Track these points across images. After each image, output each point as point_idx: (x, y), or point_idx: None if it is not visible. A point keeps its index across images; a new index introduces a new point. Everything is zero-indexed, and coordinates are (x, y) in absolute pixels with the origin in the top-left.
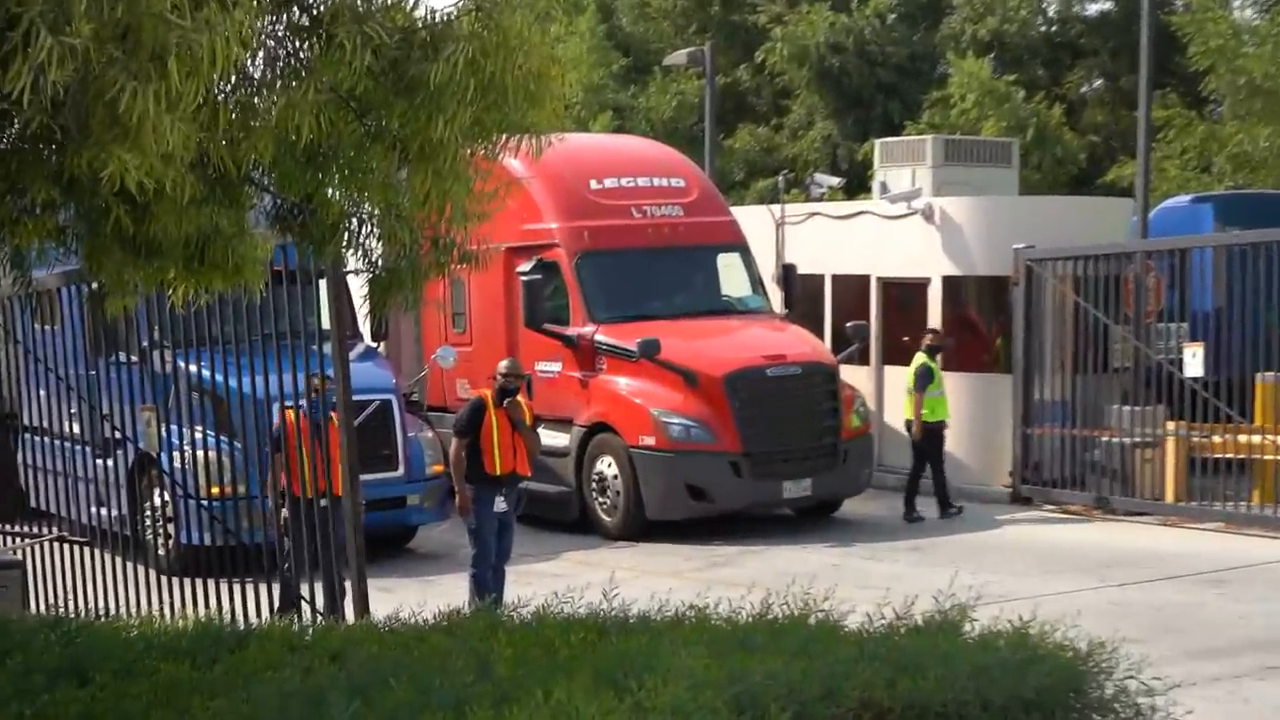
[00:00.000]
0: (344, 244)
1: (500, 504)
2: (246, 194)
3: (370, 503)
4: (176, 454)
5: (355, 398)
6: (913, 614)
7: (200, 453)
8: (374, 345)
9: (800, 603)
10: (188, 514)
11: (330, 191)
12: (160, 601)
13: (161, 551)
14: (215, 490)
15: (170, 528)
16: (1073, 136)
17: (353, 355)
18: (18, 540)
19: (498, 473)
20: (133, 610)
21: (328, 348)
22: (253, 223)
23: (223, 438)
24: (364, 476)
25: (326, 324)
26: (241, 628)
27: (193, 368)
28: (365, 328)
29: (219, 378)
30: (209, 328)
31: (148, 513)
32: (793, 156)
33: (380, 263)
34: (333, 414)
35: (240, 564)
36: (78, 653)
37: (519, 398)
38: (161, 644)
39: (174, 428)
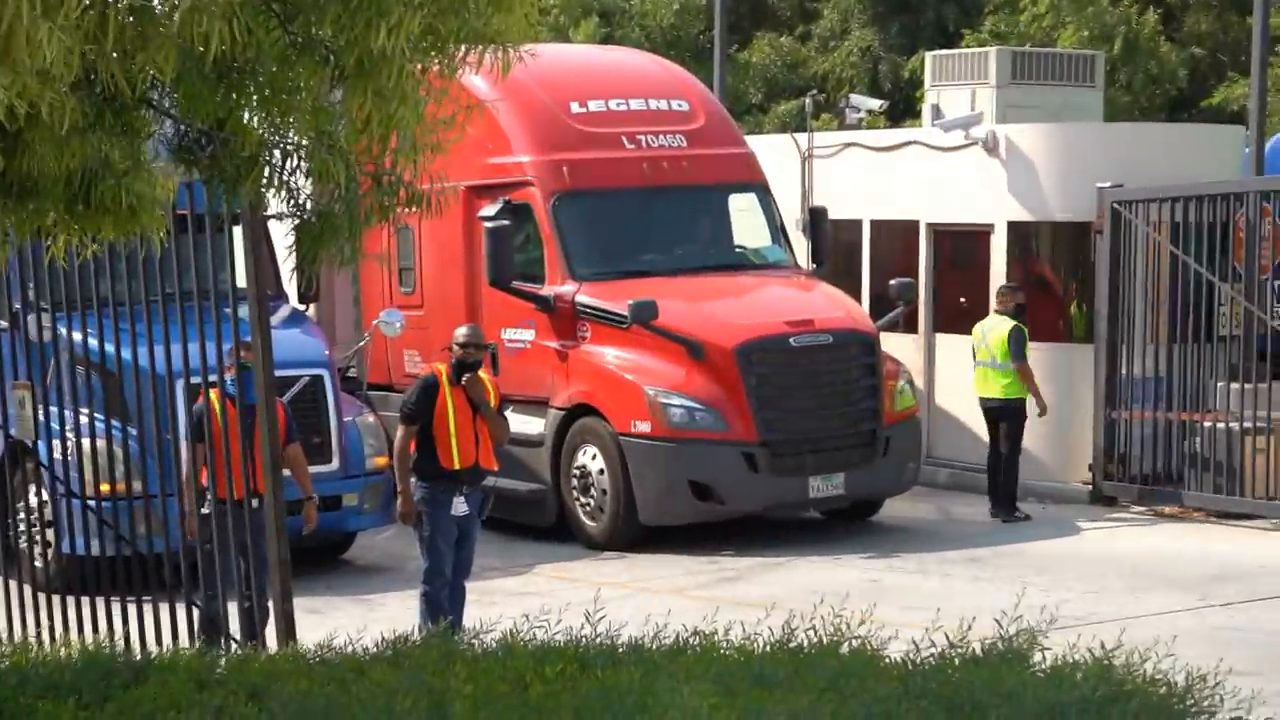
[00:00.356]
0: (264, 182)
1: (459, 506)
2: (143, 120)
3: (296, 503)
4: (57, 443)
5: (278, 373)
6: (969, 641)
7: (87, 441)
8: (301, 308)
9: (830, 627)
10: (71, 517)
11: (247, 116)
12: (38, 624)
13: (39, 563)
14: (105, 488)
15: (49, 533)
16: (1170, 49)
17: (275, 320)
18: None
19: (456, 467)
20: (3, 636)
21: (244, 311)
22: (151, 155)
23: (114, 422)
24: (289, 471)
25: (242, 281)
26: (138, 658)
27: (77, 335)
28: (290, 286)
29: (109, 348)
30: (96, 286)
31: (21, 515)
32: (823, 73)
33: (309, 205)
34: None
35: (137, 579)
36: None
37: (481, 373)
38: (39, 677)
39: (54, 410)
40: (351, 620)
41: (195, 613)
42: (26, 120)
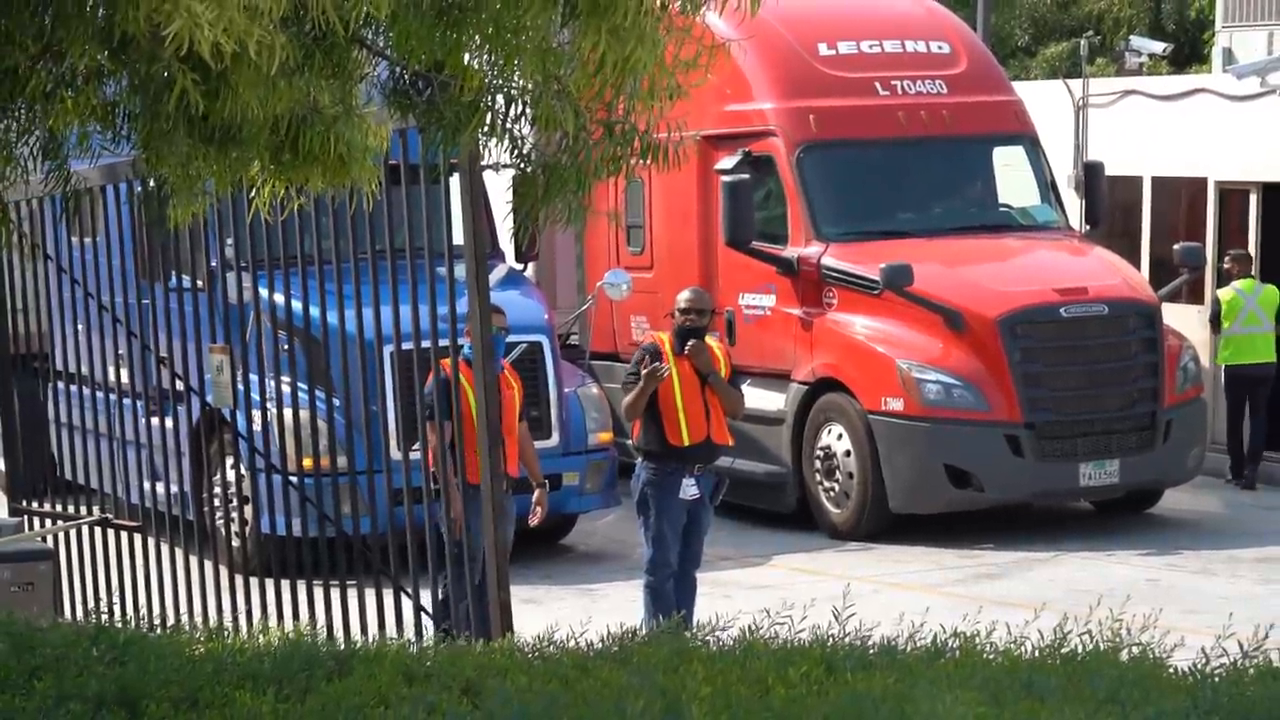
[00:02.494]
0: (485, 130)
1: (689, 489)
2: (355, 61)
3: (521, 483)
4: (256, 413)
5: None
6: (1266, 650)
7: (289, 411)
8: (520, 268)
9: (1108, 632)
10: (270, 493)
11: (468, 58)
12: (234, 608)
13: (235, 543)
14: (308, 463)
15: (247, 511)
16: None
17: (491, 281)
18: (48, 523)
19: (685, 444)
20: (198, 619)
21: (460, 271)
22: (364, 100)
23: (319, 392)
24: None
25: (459, 239)
26: (342, 647)
27: (279, 297)
28: (508, 245)
29: (314, 311)
30: (301, 243)
31: (217, 491)
32: (1098, 13)
33: (534, 156)
34: (504, 364)
35: (341, 562)
36: (126, 675)
37: (709, 339)
38: (236, 666)
39: (253, 377)
40: (573, 612)
41: (405, 601)
42: (231, 60)
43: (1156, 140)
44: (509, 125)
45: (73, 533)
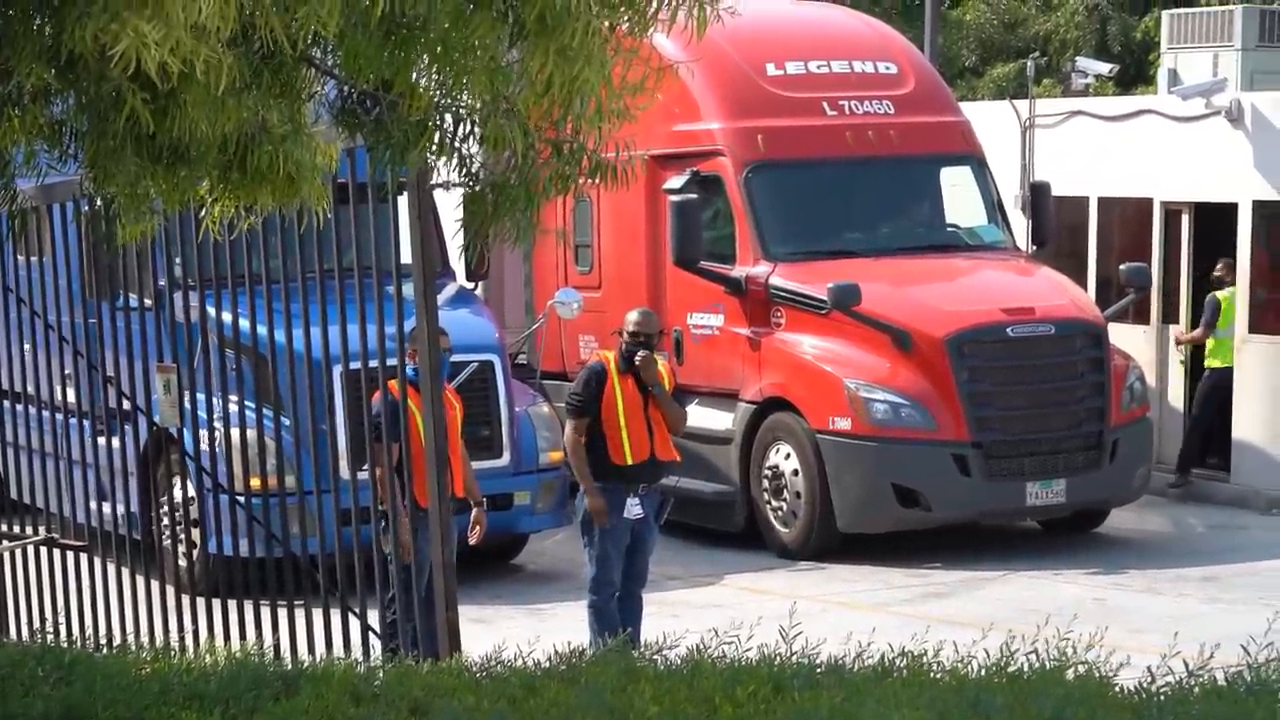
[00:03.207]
0: (434, 149)
1: (633, 508)
2: (304, 80)
3: (456, 503)
4: (204, 432)
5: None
6: (1211, 668)
7: (236, 431)
8: (469, 287)
9: (1055, 651)
10: (218, 513)
11: (417, 77)
12: (181, 628)
13: (183, 562)
14: (255, 482)
15: (195, 531)
16: None
17: (440, 300)
18: None
19: (628, 463)
20: (145, 639)
21: (409, 289)
22: (312, 119)
23: (267, 411)
24: None
25: (408, 257)
26: (290, 667)
27: (227, 315)
28: (458, 263)
29: (262, 330)
30: (250, 262)
31: (165, 511)
32: (1045, 34)
33: (482, 174)
34: (446, 385)
35: (290, 582)
36: (72, 695)
37: (653, 354)
38: (183, 686)
39: (200, 396)
40: (522, 631)
41: (351, 620)
42: (179, 79)
43: (1103, 161)
44: (457, 144)
45: (18, 552)
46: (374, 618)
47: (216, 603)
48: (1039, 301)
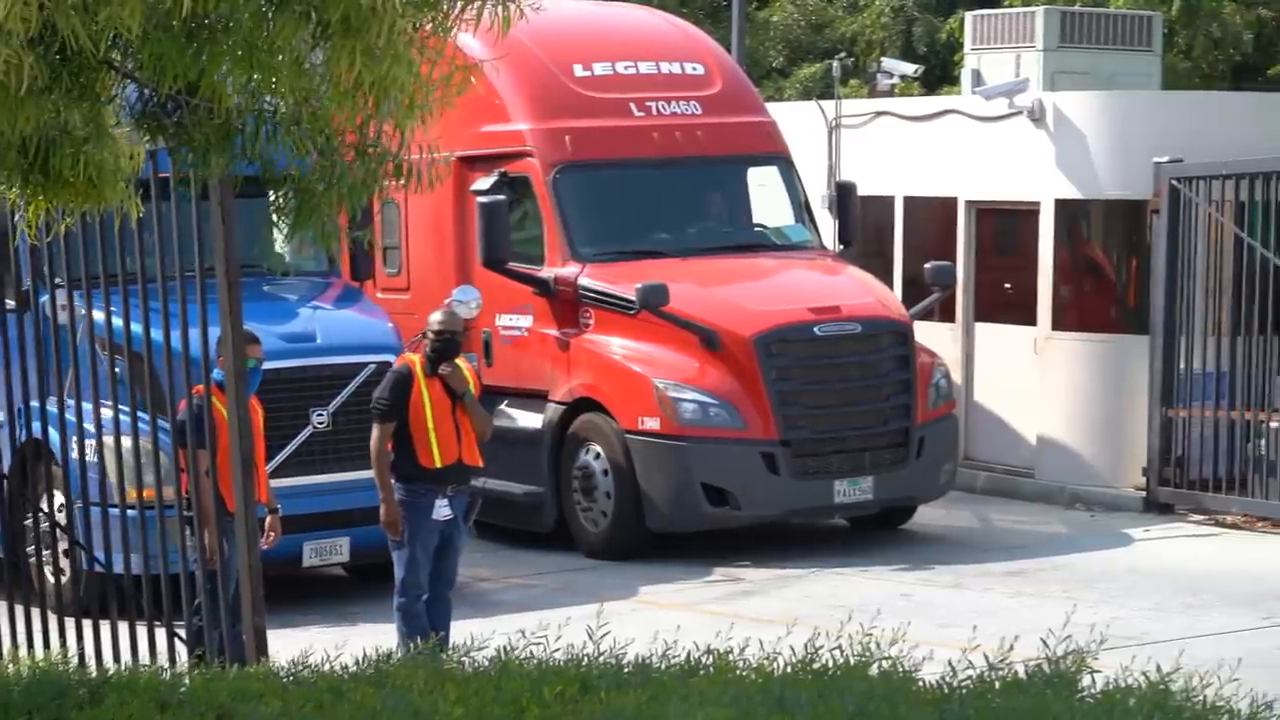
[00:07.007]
0: (238, 151)
1: (441, 509)
2: (105, 82)
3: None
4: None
5: (339, 360)
6: (1012, 662)
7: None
8: (356, 286)
9: (858, 646)
10: (21, 526)
11: (220, 79)
12: None
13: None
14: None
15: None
16: (1235, 10)
17: (328, 300)
18: None
19: (436, 466)
20: None
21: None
22: (115, 121)
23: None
24: (344, 476)
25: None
26: (95, 676)
27: (99, 315)
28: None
29: (136, 328)
30: (122, 258)
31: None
32: (851, 35)
33: (285, 178)
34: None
35: (94, 592)
36: None
37: (459, 360)
38: None
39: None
40: (329, 636)
41: (160, 632)
42: None
43: (908, 160)
44: (259, 148)
45: None
46: (181, 624)
47: (20, 611)
48: (845, 300)
